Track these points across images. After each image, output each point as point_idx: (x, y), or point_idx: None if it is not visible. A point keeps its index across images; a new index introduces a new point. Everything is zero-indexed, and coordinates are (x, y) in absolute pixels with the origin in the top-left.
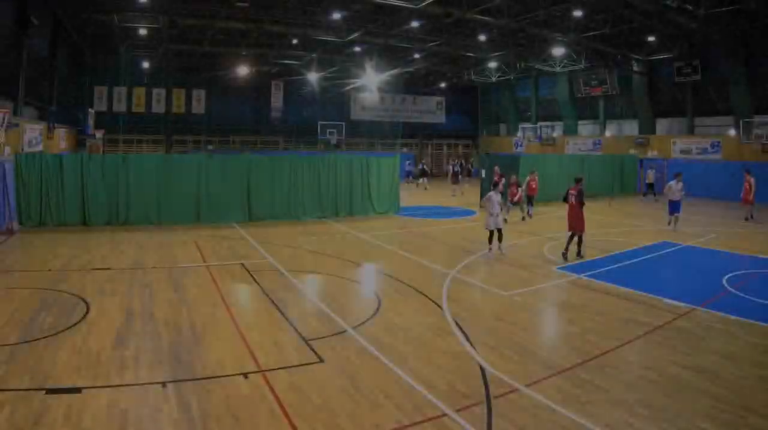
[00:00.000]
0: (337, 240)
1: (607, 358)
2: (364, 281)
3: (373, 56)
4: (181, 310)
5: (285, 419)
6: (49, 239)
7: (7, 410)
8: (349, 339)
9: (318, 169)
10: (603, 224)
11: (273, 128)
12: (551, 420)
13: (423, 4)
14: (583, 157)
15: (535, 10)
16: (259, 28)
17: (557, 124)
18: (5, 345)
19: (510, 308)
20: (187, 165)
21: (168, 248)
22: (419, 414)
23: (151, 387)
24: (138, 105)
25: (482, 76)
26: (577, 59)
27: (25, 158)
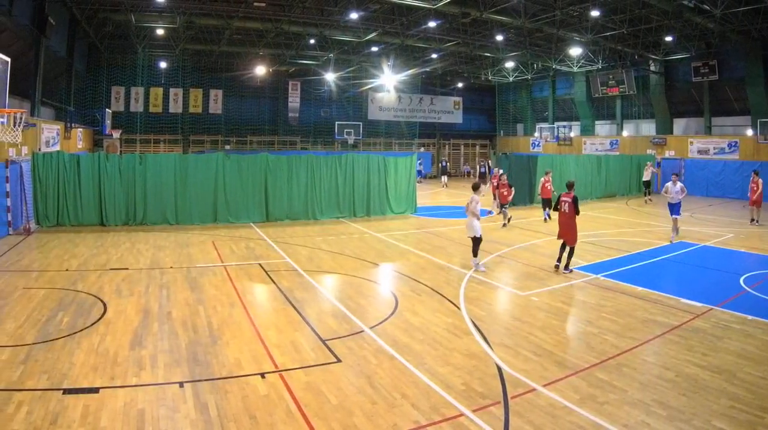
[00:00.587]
0: (355, 240)
1: (625, 358)
2: (382, 281)
3: (391, 56)
4: (199, 310)
5: (302, 419)
6: (66, 238)
7: (24, 410)
8: (366, 339)
9: (335, 169)
10: (620, 223)
11: (290, 128)
12: (568, 420)
13: (440, 4)
14: (600, 158)
15: (552, 11)
16: (277, 28)
17: (574, 125)
18: (23, 345)
19: (527, 308)
20: (204, 165)
21: (185, 248)
22: (436, 414)
23: (169, 387)
24: (155, 105)
25: (499, 76)
26: (594, 59)
27: (42, 158)
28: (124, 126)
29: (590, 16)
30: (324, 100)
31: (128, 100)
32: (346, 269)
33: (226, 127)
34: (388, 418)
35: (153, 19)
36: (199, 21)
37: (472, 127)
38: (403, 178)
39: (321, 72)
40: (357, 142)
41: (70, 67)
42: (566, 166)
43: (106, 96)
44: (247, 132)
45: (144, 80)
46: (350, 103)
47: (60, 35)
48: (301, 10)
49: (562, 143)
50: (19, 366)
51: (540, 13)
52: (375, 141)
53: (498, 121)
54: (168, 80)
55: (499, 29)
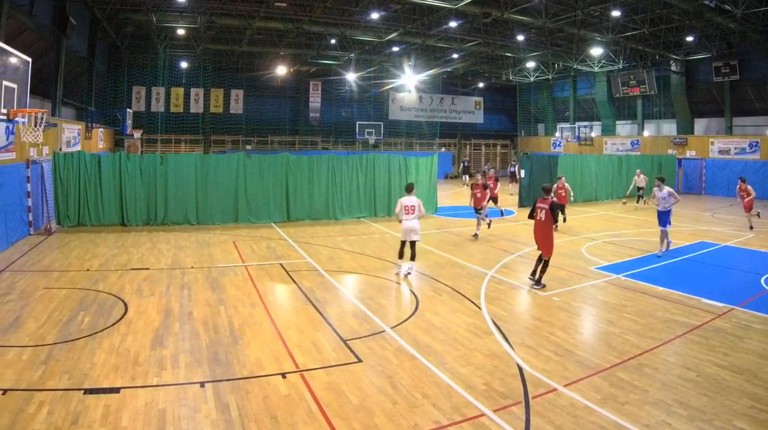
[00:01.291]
0: (376, 240)
1: (646, 358)
2: (402, 281)
3: (412, 56)
4: (220, 310)
5: (323, 419)
6: (87, 238)
7: (45, 410)
8: (387, 339)
9: (356, 170)
10: (641, 223)
11: (311, 128)
12: (589, 420)
13: (461, 4)
14: (621, 158)
15: (574, 10)
16: (298, 28)
17: (595, 124)
18: (44, 345)
19: (548, 308)
20: (226, 165)
21: (206, 248)
22: (457, 414)
23: (190, 387)
24: (176, 105)
25: (520, 75)
26: (615, 59)
27: (63, 158)
28: (145, 126)
29: (611, 16)
30: (345, 100)
31: (149, 100)
32: (367, 269)
33: (247, 127)
34: (409, 418)
35: (174, 19)
36: (220, 21)
37: (493, 127)
38: (424, 178)
39: (342, 72)
40: (378, 142)
41: (91, 67)
42: (587, 167)
43: (127, 96)
44: (268, 132)
45: (165, 80)
46: (371, 103)
47: (81, 35)
48: (322, 10)
49: (583, 143)
50: (40, 366)
51: (561, 13)
52: (396, 141)
53: (519, 121)
54: (189, 80)
55: (520, 29)
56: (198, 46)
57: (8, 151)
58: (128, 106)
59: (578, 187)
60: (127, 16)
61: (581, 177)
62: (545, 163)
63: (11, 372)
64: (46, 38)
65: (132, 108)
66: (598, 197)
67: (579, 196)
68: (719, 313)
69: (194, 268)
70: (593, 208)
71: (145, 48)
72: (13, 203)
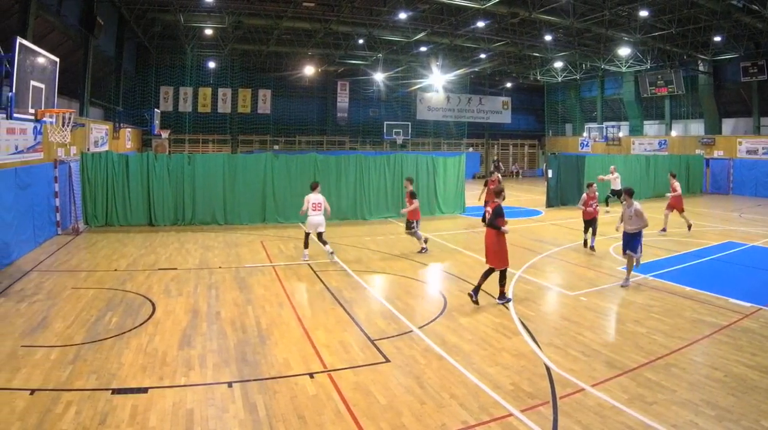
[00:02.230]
0: (403, 240)
1: (673, 358)
2: (430, 281)
3: (439, 56)
4: (247, 310)
5: (351, 419)
6: (115, 238)
7: (73, 410)
8: (414, 339)
9: (384, 170)
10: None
11: (339, 128)
12: (617, 420)
13: (489, 4)
14: (649, 158)
15: (601, 10)
16: (325, 28)
17: (623, 124)
18: (71, 345)
19: (576, 308)
20: (253, 165)
21: (234, 248)
22: (485, 414)
23: (217, 387)
24: (204, 105)
25: (548, 75)
26: (643, 59)
27: (91, 158)
28: (173, 126)
29: (639, 16)
30: (373, 100)
31: (177, 100)
32: (394, 268)
33: (274, 127)
34: (437, 418)
35: (202, 19)
36: (248, 21)
37: (520, 127)
38: (451, 178)
39: (370, 72)
40: (405, 142)
41: (118, 67)
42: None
43: (154, 96)
44: (296, 132)
45: (193, 80)
46: (399, 103)
47: (109, 35)
48: (350, 10)
49: (610, 143)
50: (68, 366)
51: (589, 13)
52: (423, 141)
53: (546, 121)
54: (217, 80)
55: (547, 29)
56: (226, 46)
57: (36, 151)
58: (156, 107)
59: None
60: (155, 16)
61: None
62: (573, 163)
63: (39, 372)
64: (74, 38)
65: (159, 108)
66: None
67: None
68: (747, 313)
69: (222, 268)
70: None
71: (172, 48)
72: (41, 203)
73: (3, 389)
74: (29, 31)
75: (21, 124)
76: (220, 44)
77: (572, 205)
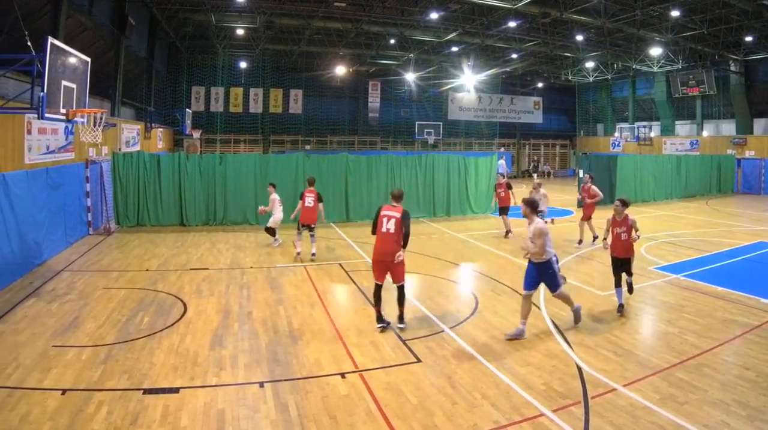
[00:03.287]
0: (434, 240)
1: (705, 358)
2: (462, 281)
3: (471, 56)
4: (279, 310)
5: (382, 419)
6: (147, 238)
7: (104, 410)
8: (446, 339)
9: (415, 169)
10: (700, 223)
11: (370, 128)
12: (649, 420)
13: (520, 4)
14: (680, 158)
15: (633, 10)
16: (357, 28)
17: (654, 124)
18: (103, 345)
19: (607, 308)
20: (285, 165)
21: (265, 248)
22: (517, 414)
23: (249, 387)
24: (235, 105)
25: (579, 75)
26: (674, 59)
27: (123, 158)
28: (205, 126)
29: (670, 16)
30: (404, 100)
31: (208, 100)
32: (426, 269)
33: (306, 127)
34: (469, 418)
35: (233, 19)
36: (279, 21)
37: (552, 127)
38: (483, 178)
39: (401, 72)
40: (437, 142)
41: (150, 67)
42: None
43: (186, 96)
44: (328, 132)
45: (224, 80)
46: (430, 103)
47: (140, 35)
48: (382, 10)
49: (642, 143)
50: (100, 366)
51: (620, 13)
52: (455, 141)
53: (578, 121)
54: (248, 80)
55: (579, 29)
56: (257, 46)
57: (67, 151)
58: (187, 106)
59: (637, 188)
60: (187, 16)
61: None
62: (604, 163)
63: (70, 372)
64: (106, 38)
65: (191, 108)
66: (657, 198)
67: (638, 196)
68: None
69: (253, 268)
70: (652, 209)
71: (204, 48)
72: (73, 203)
73: (34, 389)
74: (61, 31)
75: (52, 124)
76: (251, 44)
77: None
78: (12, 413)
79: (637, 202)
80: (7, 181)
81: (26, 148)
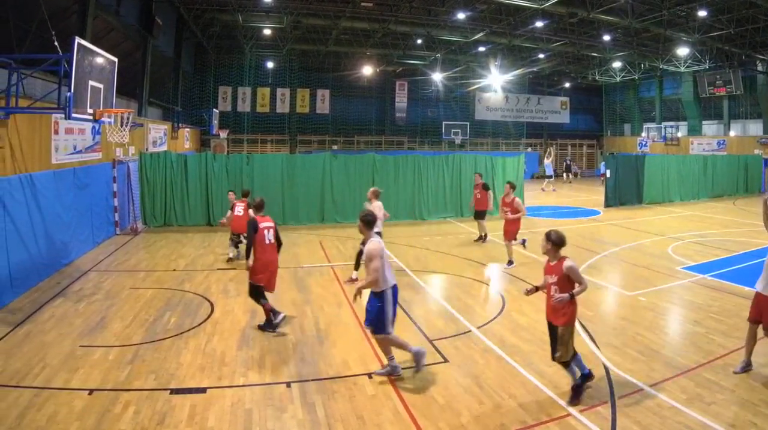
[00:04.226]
0: (461, 240)
1: (732, 358)
2: (488, 281)
3: (498, 56)
4: (306, 310)
5: (409, 419)
6: (174, 238)
7: (131, 410)
8: (473, 339)
9: (442, 170)
10: (727, 223)
11: (397, 128)
12: (676, 420)
13: (547, 4)
14: (707, 158)
15: (660, 10)
16: (384, 28)
17: (681, 124)
18: (130, 345)
19: (634, 308)
20: (312, 165)
21: (292, 248)
22: (544, 414)
23: (276, 387)
24: (262, 105)
25: (606, 76)
26: (701, 59)
27: (150, 158)
28: (231, 126)
29: (697, 16)
30: (431, 100)
31: (235, 100)
32: (453, 269)
33: (333, 127)
34: (496, 418)
35: (260, 19)
36: (306, 21)
37: (579, 127)
38: (510, 178)
39: (428, 72)
40: (464, 142)
41: (177, 67)
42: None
43: (213, 96)
44: (354, 132)
45: (251, 80)
46: (457, 103)
47: (167, 35)
48: (409, 10)
49: (669, 143)
50: (127, 366)
51: (647, 13)
52: (482, 141)
53: (605, 121)
54: (275, 80)
55: (606, 29)
56: (284, 46)
57: (94, 151)
58: (214, 107)
59: (663, 187)
60: (214, 16)
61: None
62: (632, 163)
63: (97, 372)
64: (133, 38)
65: (218, 108)
66: (684, 198)
67: (663, 196)
68: None
69: (280, 268)
70: (679, 209)
71: (231, 48)
72: (100, 203)
73: (61, 389)
74: (88, 31)
75: (79, 125)
76: (278, 44)
77: (631, 205)
78: (39, 414)
79: (664, 202)
80: (35, 181)
81: (53, 148)
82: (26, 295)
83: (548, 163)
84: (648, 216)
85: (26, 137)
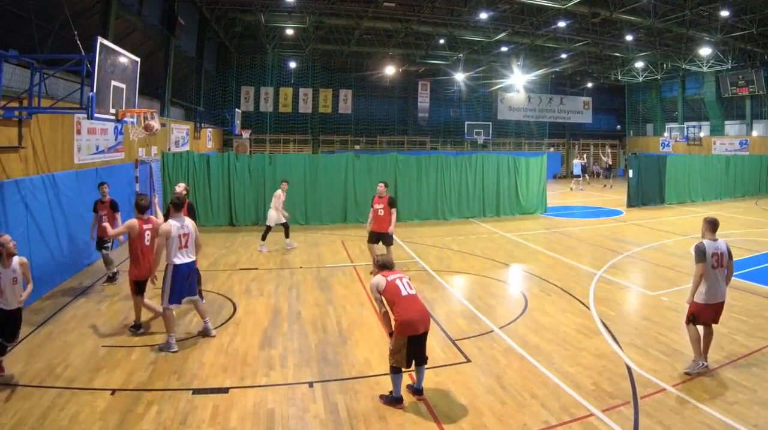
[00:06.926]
0: (484, 240)
1: (754, 358)
2: (511, 281)
3: (520, 56)
4: (328, 310)
5: (432, 419)
6: None
7: (154, 410)
8: (495, 339)
9: (465, 170)
10: (749, 223)
11: (420, 128)
12: (698, 420)
13: (570, 4)
14: (729, 158)
15: (682, 10)
16: (406, 28)
17: (704, 124)
18: (153, 345)
19: (657, 308)
20: (334, 165)
21: (315, 248)
22: (566, 414)
23: (298, 387)
24: (284, 105)
25: (629, 76)
26: (723, 59)
27: (172, 158)
28: (254, 126)
29: (720, 16)
30: (453, 100)
31: (258, 100)
32: (475, 269)
33: (355, 127)
34: (518, 418)
35: (282, 19)
36: (329, 21)
37: (601, 127)
38: (534, 177)
39: (450, 72)
40: (486, 142)
41: (199, 67)
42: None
43: (235, 96)
44: (377, 132)
45: (273, 80)
46: (480, 103)
47: (189, 35)
48: (431, 10)
49: (691, 143)
50: (149, 366)
51: (669, 13)
52: (504, 141)
53: (627, 121)
54: (297, 80)
55: (628, 29)
56: (306, 46)
57: (117, 151)
58: (237, 106)
59: (686, 188)
60: (236, 16)
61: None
62: (654, 163)
63: (120, 372)
64: (155, 38)
65: (240, 108)
66: (706, 198)
67: (686, 196)
68: None
69: (303, 268)
70: (701, 209)
71: (253, 48)
72: (122, 203)
73: (84, 389)
74: (110, 31)
75: (102, 125)
76: (300, 44)
77: (653, 206)
78: (62, 413)
79: (687, 203)
80: (57, 181)
81: (76, 148)
82: (48, 295)
83: (577, 162)
84: (670, 216)
85: (48, 137)
